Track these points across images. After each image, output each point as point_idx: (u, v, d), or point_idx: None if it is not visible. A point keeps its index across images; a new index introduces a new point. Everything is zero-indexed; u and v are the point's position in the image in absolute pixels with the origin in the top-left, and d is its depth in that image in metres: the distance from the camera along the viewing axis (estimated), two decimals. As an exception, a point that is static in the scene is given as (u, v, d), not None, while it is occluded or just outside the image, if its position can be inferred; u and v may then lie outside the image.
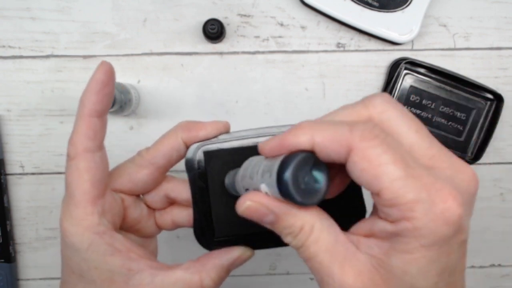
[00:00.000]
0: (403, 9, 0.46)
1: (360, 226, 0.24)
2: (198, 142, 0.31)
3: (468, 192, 0.23)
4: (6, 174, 0.48)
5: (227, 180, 0.31)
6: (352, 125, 0.22)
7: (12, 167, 0.48)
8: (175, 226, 0.33)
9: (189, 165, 0.31)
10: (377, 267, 0.22)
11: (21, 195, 0.49)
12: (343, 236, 0.24)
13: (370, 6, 0.46)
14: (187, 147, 0.31)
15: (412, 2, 0.46)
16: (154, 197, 0.32)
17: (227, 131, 0.31)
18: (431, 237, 0.21)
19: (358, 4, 0.46)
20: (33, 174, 0.48)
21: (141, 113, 0.48)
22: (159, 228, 0.34)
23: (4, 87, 0.47)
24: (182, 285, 0.28)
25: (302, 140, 0.22)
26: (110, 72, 0.28)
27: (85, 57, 0.47)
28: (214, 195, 0.31)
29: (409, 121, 0.23)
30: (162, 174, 0.32)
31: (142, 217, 0.32)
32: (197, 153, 0.31)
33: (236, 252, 0.31)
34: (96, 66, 0.48)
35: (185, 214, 0.33)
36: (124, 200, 0.31)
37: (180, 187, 0.32)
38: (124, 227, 0.32)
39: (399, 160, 0.21)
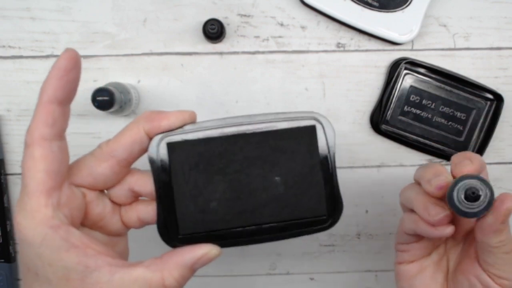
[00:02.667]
0: (403, 9, 0.46)
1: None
2: (161, 133, 0.29)
3: None
4: (6, 174, 0.48)
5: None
6: None
7: (12, 167, 0.48)
8: (141, 223, 0.32)
9: (152, 158, 0.30)
10: None
11: (21, 195, 0.49)
12: None
13: (370, 6, 0.46)
14: (150, 139, 0.29)
15: (412, 2, 0.46)
16: (118, 192, 0.31)
17: (192, 121, 0.30)
18: None
19: (358, 4, 0.46)
20: (33, 174, 0.48)
21: (141, 113, 0.48)
22: (126, 226, 0.32)
23: (4, 87, 0.47)
24: (142, 283, 0.27)
25: None
26: (74, 59, 0.26)
27: (85, 57, 0.47)
28: (178, 189, 0.29)
29: None
30: (125, 167, 0.30)
31: (106, 213, 0.31)
32: (160, 145, 0.29)
33: (201, 250, 0.28)
34: (96, 66, 0.48)
35: (150, 209, 0.31)
36: (85, 195, 0.30)
37: (144, 180, 0.31)
38: (87, 223, 0.30)
39: None
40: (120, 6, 0.47)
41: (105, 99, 0.40)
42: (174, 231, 0.30)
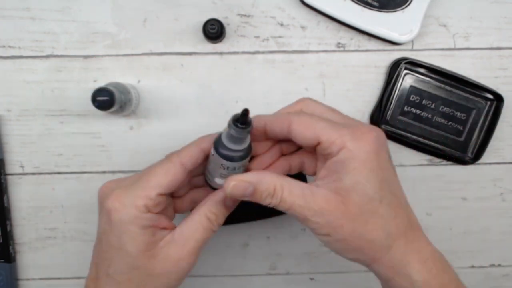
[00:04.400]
0: (403, 9, 0.46)
1: (316, 176, 0.34)
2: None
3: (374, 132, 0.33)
4: (6, 174, 0.48)
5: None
6: (288, 109, 0.35)
7: (12, 167, 0.48)
8: (193, 205, 0.39)
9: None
10: (336, 192, 0.32)
11: (21, 195, 0.49)
12: (305, 184, 0.33)
13: (370, 6, 0.46)
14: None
15: (412, 2, 0.46)
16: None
17: None
18: (363, 154, 0.31)
19: (358, 4, 0.46)
20: (33, 174, 0.48)
21: (141, 113, 0.48)
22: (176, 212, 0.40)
23: (4, 87, 0.47)
24: (194, 226, 0.36)
25: (260, 125, 0.34)
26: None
27: (85, 57, 0.47)
28: None
29: (323, 105, 0.36)
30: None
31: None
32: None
33: (227, 187, 0.37)
34: (96, 66, 0.48)
35: (201, 193, 0.39)
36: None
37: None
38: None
39: (323, 120, 0.33)
40: (120, 6, 0.47)
41: (105, 99, 0.40)
42: None
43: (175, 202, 0.39)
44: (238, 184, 0.32)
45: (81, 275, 0.49)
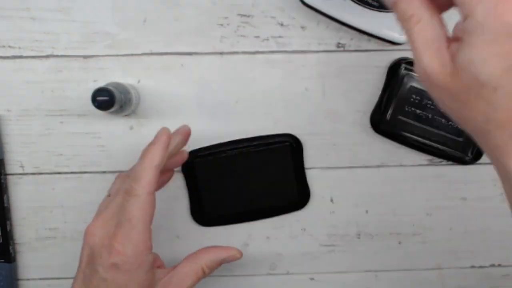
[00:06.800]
0: (403, 9, 0.46)
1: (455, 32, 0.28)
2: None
3: None
4: (6, 174, 0.48)
5: None
6: None
7: (12, 167, 0.48)
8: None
9: (185, 172, 0.48)
10: (453, 61, 0.27)
11: (21, 195, 0.49)
12: (445, 37, 0.29)
13: (370, 6, 0.46)
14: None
15: (412, 2, 0.46)
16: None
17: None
18: (491, 33, 0.25)
19: (358, 4, 0.46)
20: (33, 174, 0.48)
21: (141, 113, 0.48)
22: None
23: (4, 87, 0.47)
24: (190, 274, 0.42)
25: None
26: (170, 135, 0.39)
27: (85, 57, 0.47)
28: (203, 190, 0.48)
29: None
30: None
31: None
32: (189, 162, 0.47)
33: (231, 251, 0.44)
34: (96, 66, 0.48)
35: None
36: None
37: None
38: None
39: None
40: (120, 6, 0.47)
41: (105, 99, 0.40)
42: (201, 215, 0.49)
43: None
44: None
45: (81, 275, 0.49)
